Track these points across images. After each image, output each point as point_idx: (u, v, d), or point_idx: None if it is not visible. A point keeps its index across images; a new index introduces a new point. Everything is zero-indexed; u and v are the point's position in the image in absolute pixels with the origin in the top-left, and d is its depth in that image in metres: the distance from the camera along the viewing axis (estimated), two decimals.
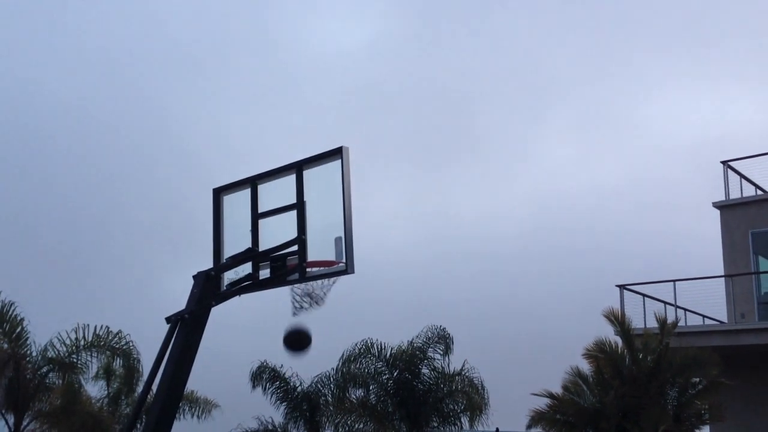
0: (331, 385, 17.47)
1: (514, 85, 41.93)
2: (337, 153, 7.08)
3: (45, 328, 16.54)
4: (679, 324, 15.77)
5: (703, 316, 17.54)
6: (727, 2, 38.42)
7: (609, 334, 15.39)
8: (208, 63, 40.96)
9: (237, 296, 7.40)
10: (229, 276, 7.46)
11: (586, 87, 40.99)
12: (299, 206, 7.21)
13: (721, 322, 17.31)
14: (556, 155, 39.34)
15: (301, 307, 7.16)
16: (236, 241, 7.51)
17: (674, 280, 16.72)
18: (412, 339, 17.50)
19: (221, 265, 7.47)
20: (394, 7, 43.16)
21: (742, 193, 18.20)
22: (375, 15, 43.38)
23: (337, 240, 7.03)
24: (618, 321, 15.28)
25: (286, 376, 17.72)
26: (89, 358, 16.71)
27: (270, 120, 40.63)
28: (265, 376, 17.70)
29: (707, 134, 34.38)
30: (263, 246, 7.40)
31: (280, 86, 42.02)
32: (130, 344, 17.15)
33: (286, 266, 7.25)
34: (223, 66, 41.39)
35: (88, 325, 16.63)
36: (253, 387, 17.66)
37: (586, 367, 15.43)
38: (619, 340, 15.23)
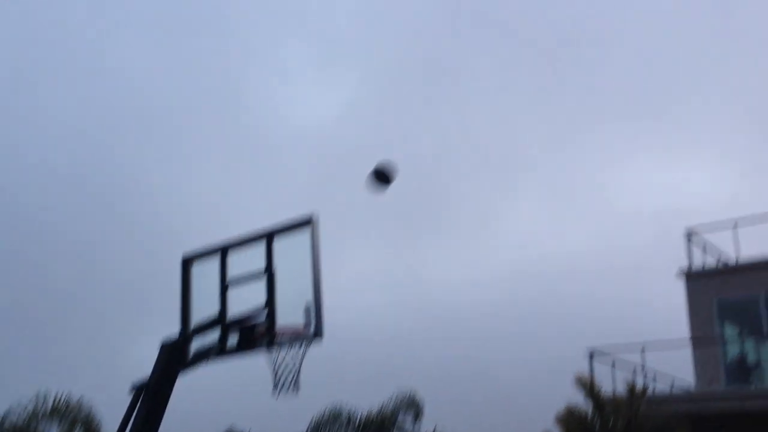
0: None
1: (484, 153, 42.69)
2: (307, 221, 7.18)
3: (6, 396, 16.08)
4: (648, 390, 15.83)
5: (673, 383, 17.63)
6: (691, 78, 39.87)
7: (580, 399, 15.40)
8: (179, 128, 41.24)
9: (203, 364, 7.35)
10: (197, 344, 7.42)
11: (554, 156, 41.90)
12: (269, 274, 7.25)
13: (689, 390, 17.41)
14: (526, 222, 39.88)
15: (282, 383, 7.12)
16: (204, 309, 7.50)
17: (643, 345, 16.83)
18: (382, 404, 17.30)
19: (188, 333, 7.44)
20: (367, 76, 44.08)
21: (705, 261, 18.55)
22: (348, 84, 44.22)
23: (307, 308, 7.07)
24: (587, 386, 15.31)
25: None
26: (49, 427, 16.20)
27: (242, 186, 40.75)
28: None
29: (671, 203, 35.16)
30: (232, 314, 7.39)
31: (252, 153, 42.30)
32: (92, 413, 16.68)
33: (254, 334, 7.24)
34: (194, 132, 41.67)
35: (48, 392, 16.17)
36: None
37: None
38: (589, 407, 15.23)
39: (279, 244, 7.35)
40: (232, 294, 7.47)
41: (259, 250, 7.38)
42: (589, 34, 40.80)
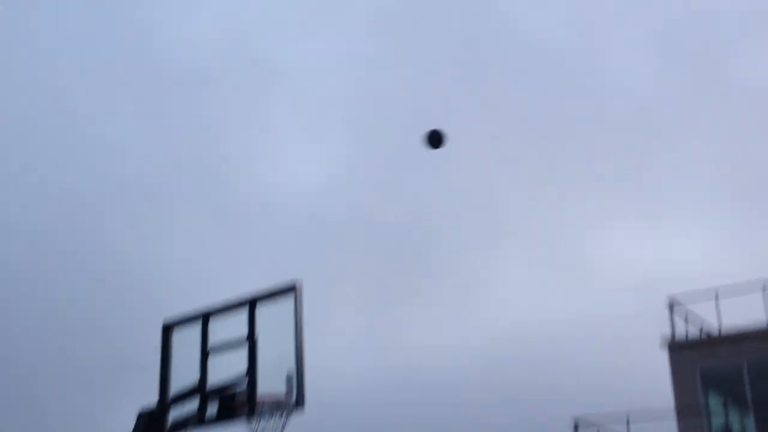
0: None
1: (469, 219, 42.99)
2: (290, 288, 7.15)
3: None
4: None
5: None
6: (676, 146, 40.69)
7: None
8: (165, 194, 41.28)
9: None
10: (175, 414, 7.25)
11: (538, 222, 42.26)
12: (250, 342, 7.16)
13: None
14: (510, 289, 39.88)
15: None
16: (184, 377, 7.36)
17: (628, 414, 16.68)
18: None
19: (167, 401, 7.28)
20: (354, 143, 44.63)
21: (688, 330, 18.57)
22: (335, 151, 44.70)
23: (289, 376, 6.96)
24: None
25: None
26: None
27: (227, 252, 40.60)
28: None
29: (654, 271, 35.39)
30: (212, 382, 7.26)
31: (237, 219, 42.32)
32: None
33: (234, 403, 7.10)
34: (180, 198, 41.73)
35: None
36: None
37: None
38: None
39: (261, 311, 7.28)
40: (213, 361, 7.35)
41: (241, 316, 7.31)
42: (572, 103, 41.78)
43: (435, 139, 8.35)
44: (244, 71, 45.07)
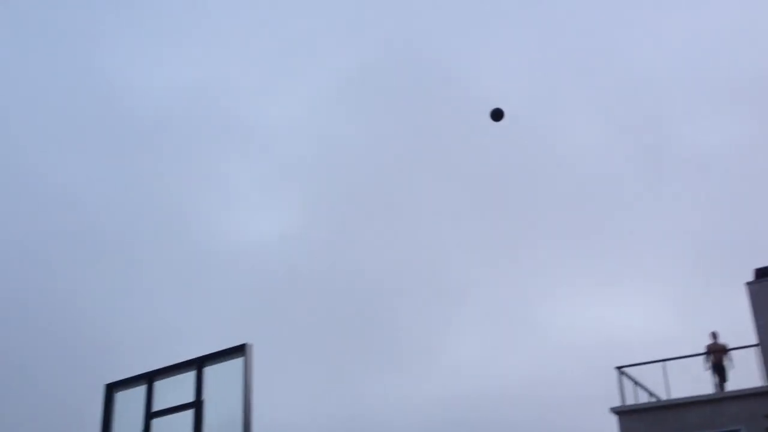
0: None
1: (424, 281, 43.06)
2: (240, 350, 6.99)
3: None
4: None
5: None
6: (627, 216, 41.69)
7: None
8: (115, 248, 40.45)
9: None
10: None
11: (491, 287, 42.53)
12: (197, 405, 6.95)
13: None
14: (463, 351, 39.79)
15: None
16: None
17: None
18: None
19: None
20: (309, 200, 44.62)
21: (637, 398, 18.68)
22: (289, 207, 44.63)
23: None
24: None
25: None
26: None
27: (177, 310, 39.74)
28: None
29: (604, 336, 35.77)
30: None
31: (191, 275, 41.63)
32: None
33: None
34: (132, 253, 40.91)
35: None
36: None
37: None
38: None
39: (210, 373, 7.09)
40: (157, 425, 7.09)
41: (188, 378, 7.10)
42: (524, 169, 42.67)
43: (497, 115, 10.13)
44: (206, 124, 45.11)
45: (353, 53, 45.65)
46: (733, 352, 18.16)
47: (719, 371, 18.06)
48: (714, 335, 18.33)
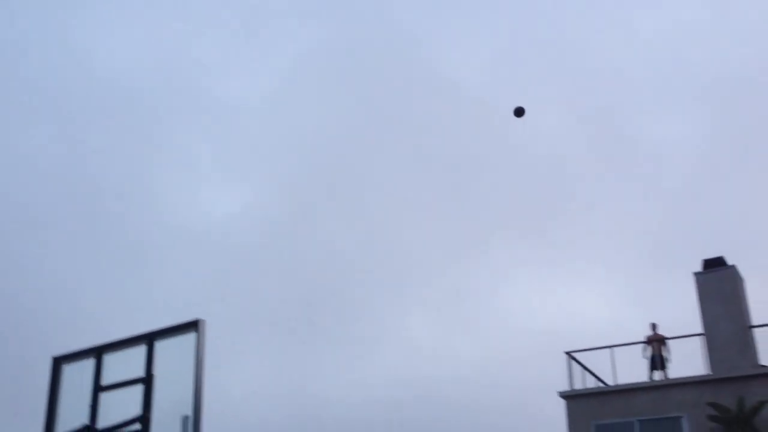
0: None
1: (380, 265, 43.14)
2: (192, 326, 6.90)
3: None
4: None
5: None
6: (580, 203, 42.24)
7: None
8: (69, 221, 39.60)
9: None
10: None
11: (448, 270, 42.82)
12: (147, 380, 6.85)
13: None
14: (418, 335, 40.08)
15: None
16: (73, 417, 6.95)
17: None
18: None
19: None
20: (271, 178, 44.26)
21: (584, 383, 19.07)
22: (250, 184, 44.22)
23: (185, 419, 6.67)
24: None
25: None
26: None
27: (128, 285, 39.12)
28: None
29: (557, 322, 36.39)
30: (103, 423, 6.88)
31: (143, 250, 40.98)
32: None
33: None
34: (85, 225, 40.11)
35: None
36: None
37: None
38: None
39: (161, 349, 6.99)
40: (105, 400, 6.98)
41: (138, 353, 6.99)
42: (484, 153, 42.91)
43: (519, 112, 11.16)
44: (170, 97, 44.34)
45: (319, 31, 45.22)
46: (678, 341, 18.61)
47: (658, 362, 18.49)
48: (653, 326, 18.74)
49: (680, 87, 43.32)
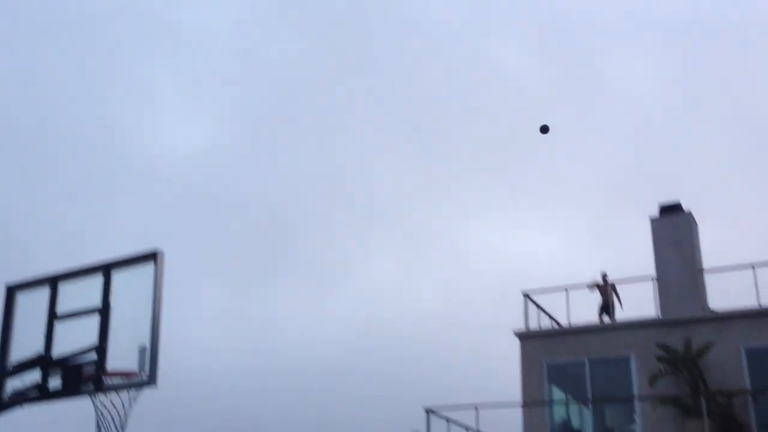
0: None
1: (345, 201, 43.08)
2: (150, 257, 6.81)
3: None
4: None
5: None
6: (544, 147, 42.46)
7: None
8: (32, 144, 38.52)
9: (20, 407, 6.68)
10: (14, 384, 6.74)
11: (411, 215, 43.00)
12: (103, 311, 6.76)
13: None
14: (380, 273, 40.42)
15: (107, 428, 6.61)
16: (26, 346, 6.85)
17: (477, 406, 17.26)
18: None
19: (6, 370, 6.76)
20: (235, 112, 43.51)
21: (540, 324, 19.50)
22: (211, 120, 43.43)
23: (142, 349, 6.63)
24: None
25: None
26: None
27: (93, 218, 38.47)
28: None
29: (517, 264, 36.99)
30: (58, 352, 6.80)
31: (107, 183, 40.20)
32: None
33: (81, 376, 6.68)
34: (44, 157, 39.05)
35: None
36: None
37: None
38: None
39: (118, 279, 6.89)
40: (60, 330, 6.88)
41: (95, 283, 6.88)
42: (454, 95, 42.68)
43: (545, 130, 12.51)
44: (132, 26, 42.88)
45: None
46: (631, 285, 19.03)
47: (607, 309, 18.91)
48: (603, 276, 19.05)
49: (651, 30, 43.29)
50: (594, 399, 17.98)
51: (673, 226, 18.73)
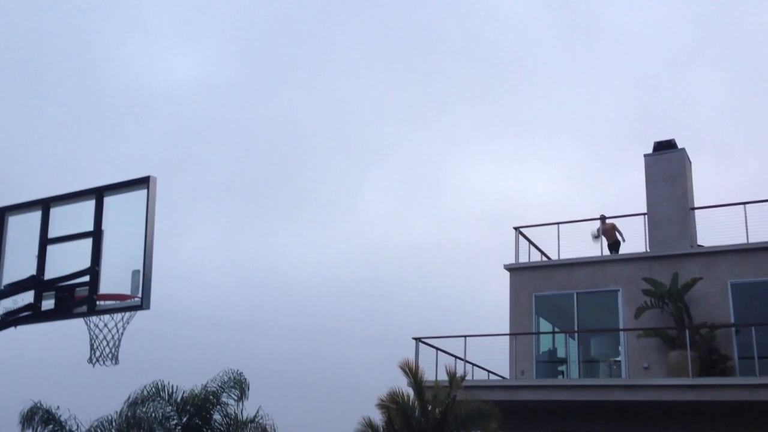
0: (113, 430, 16.28)
1: (341, 137, 42.85)
2: (143, 182, 6.75)
3: None
4: (467, 378, 16.56)
5: (489, 372, 18.57)
6: (540, 86, 42.07)
7: (404, 385, 15.82)
8: (25, 76, 37.87)
9: (12, 328, 6.74)
10: (6, 305, 6.79)
11: (405, 148, 42.83)
12: (96, 234, 6.75)
13: (504, 378, 18.41)
14: (376, 207, 40.53)
15: (100, 353, 6.69)
16: (19, 268, 6.86)
17: (465, 336, 17.57)
18: (206, 383, 16.87)
19: None
20: (231, 45, 42.74)
21: (530, 257, 19.69)
22: (207, 52, 42.69)
23: (135, 273, 6.65)
24: (412, 373, 15.75)
25: (62, 419, 16.30)
26: None
27: (86, 148, 38.14)
28: (37, 418, 16.13)
29: (511, 200, 37.10)
30: (51, 275, 6.82)
31: (101, 114, 39.70)
32: None
33: (73, 298, 6.73)
34: (36, 87, 38.42)
35: None
36: (23, 431, 16.03)
37: (378, 417, 15.68)
38: (411, 392, 15.69)
39: (110, 204, 6.86)
40: (52, 253, 6.89)
41: (87, 207, 6.85)
42: (449, 34, 41.99)
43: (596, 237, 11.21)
44: None
45: None
46: (623, 221, 19.18)
47: (614, 248, 19.07)
48: (602, 218, 19.16)
49: None
50: (580, 330, 18.32)
51: (666, 162, 18.75)
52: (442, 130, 42.15)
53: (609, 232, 19.09)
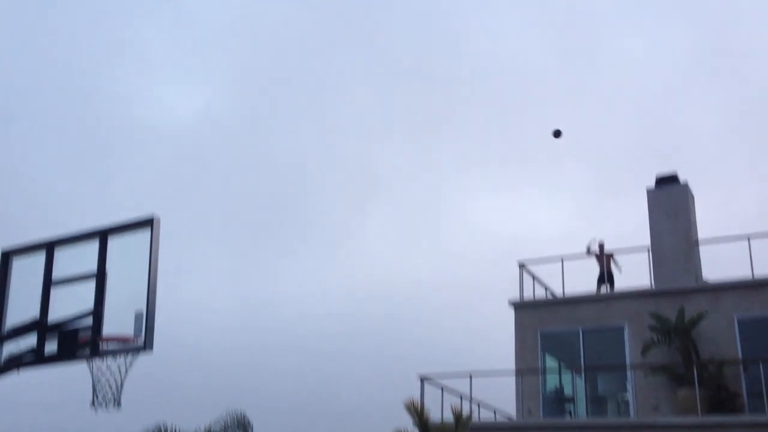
0: None
1: (342, 171, 42.98)
2: (147, 223, 6.77)
3: None
4: (473, 417, 16.36)
5: (495, 410, 18.34)
6: (540, 118, 42.29)
7: (409, 424, 15.64)
8: (24, 112, 38.19)
9: (16, 372, 6.69)
10: (9, 349, 6.74)
11: (407, 178, 42.96)
12: (99, 276, 6.74)
13: (511, 417, 18.18)
14: (377, 243, 40.47)
15: (103, 396, 6.63)
16: (22, 311, 6.84)
17: (470, 373, 17.40)
18: (210, 424, 16.72)
19: (1, 335, 6.75)
20: (231, 79, 43.15)
21: (534, 294, 19.58)
22: (209, 85, 43.09)
23: (138, 315, 6.63)
24: (417, 412, 15.59)
25: None
26: None
27: (83, 184, 38.29)
28: None
29: (514, 237, 37.04)
30: (54, 318, 6.80)
31: (100, 148, 39.93)
32: None
33: (77, 340, 6.69)
34: (35, 120, 38.76)
35: None
36: None
37: None
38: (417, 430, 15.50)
39: (114, 245, 6.86)
40: (56, 295, 6.87)
41: (91, 249, 6.85)
42: (450, 62, 42.35)
43: (558, 134, 13.72)
44: None
45: None
46: (626, 256, 19.09)
47: (604, 279, 18.97)
48: (601, 245, 19.10)
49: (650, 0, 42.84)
50: (587, 367, 18.13)
51: (669, 197, 18.75)
52: (446, 160, 42.32)
53: (605, 258, 19.01)
